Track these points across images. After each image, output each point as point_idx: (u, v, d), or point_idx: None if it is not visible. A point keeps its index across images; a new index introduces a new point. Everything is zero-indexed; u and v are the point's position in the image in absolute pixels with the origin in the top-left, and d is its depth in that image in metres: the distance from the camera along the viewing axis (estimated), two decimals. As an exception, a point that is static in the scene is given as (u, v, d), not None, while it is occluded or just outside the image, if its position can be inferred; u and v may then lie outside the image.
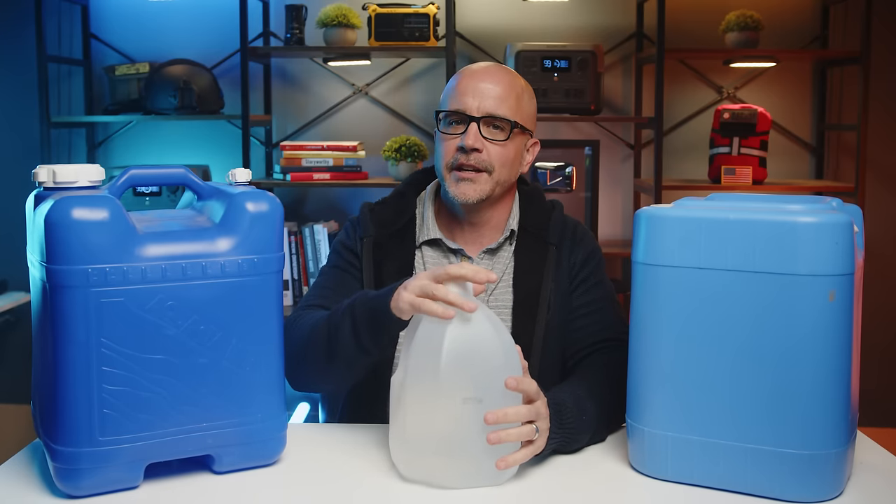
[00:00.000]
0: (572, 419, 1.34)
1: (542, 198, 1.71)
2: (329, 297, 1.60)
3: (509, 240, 1.65)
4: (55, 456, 1.18)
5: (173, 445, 1.22)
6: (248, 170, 1.36)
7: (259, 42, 3.45)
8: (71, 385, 1.16)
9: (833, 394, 1.16)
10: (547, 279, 1.61)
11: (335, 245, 1.69)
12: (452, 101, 1.59)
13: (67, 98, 3.55)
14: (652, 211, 1.24)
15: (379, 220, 1.66)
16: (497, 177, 1.58)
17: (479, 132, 1.55)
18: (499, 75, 1.60)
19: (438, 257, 1.64)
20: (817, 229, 1.14)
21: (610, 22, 3.48)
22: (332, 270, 1.66)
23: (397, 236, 1.65)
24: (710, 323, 1.20)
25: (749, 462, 1.20)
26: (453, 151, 1.57)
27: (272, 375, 1.28)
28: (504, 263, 1.64)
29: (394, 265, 1.62)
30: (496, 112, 1.56)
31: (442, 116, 1.59)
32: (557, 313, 1.61)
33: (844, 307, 1.16)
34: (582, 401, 1.38)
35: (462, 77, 1.60)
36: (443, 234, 1.64)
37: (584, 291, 1.64)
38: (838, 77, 3.48)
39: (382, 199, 1.71)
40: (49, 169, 1.22)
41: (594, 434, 1.40)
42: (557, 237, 1.65)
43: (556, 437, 1.31)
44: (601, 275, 1.67)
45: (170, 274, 1.19)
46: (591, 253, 1.67)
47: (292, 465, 1.33)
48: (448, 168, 1.58)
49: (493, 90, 1.57)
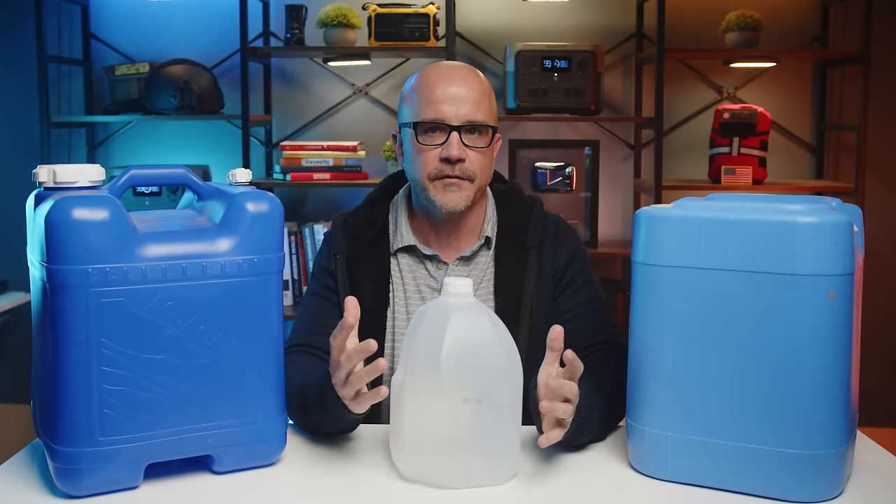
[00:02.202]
0: (585, 413, 1.33)
1: (520, 195, 1.68)
2: (313, 331, 1.59)
3: (485, 246, 1.63)
4: (55, 456, 1.18)
5: (173, 445, 1.22)
6: (248, 170, 1.36)
7: (259, 42, 3.45)
8: (71, 385, 1.16)
9: (833, 394, 1.16)
10: (529, 284, 1.59)
11: (314, 267, 1.68)
12: (427, 109, 1.54)
13: (67, 98, 3.55)
14: (652, 211, 1.24)
15: (350, 232, 1.64)
16: (478, 183, 1.57)
17: (460, 140, 1.53)
18: (470, 79, 1.57)
19: (414, 264, 1.63)
20: (817, 229, 1.14)
21: (610, 22, 3.48)
22: (311, 299, 1.64)
23: (371, 245, 1.63)
24: (710, 323, 1.20)
25: (749, 462, 1.20)
26: (435, 162, 1.54)
27: (272, 375, 1.28)
28: (481, 269, 1.62)
29: (369, 276, 1.61)
30: (475, 118, 1.54)
31: (419, 126, 1.55)
32: (541, 318, 1.59)
33: (844, 307, 1.16)
34: (590, 398, 1.37)
35: (433, 82, 1.56)
36: (417, 241, 1.62)
37: (572, 294, 1.62)
38: (838, 77, 3.48)
39: (355, 207, 1.69)
40: (49, 169, 1.22)
41: (597, 433, 1.40)
42: (538, 239, 1.62)
43: (572, 427, 1.30)
44: (587, 274, 1.64)
45: (170, 274, 1.19)
46: (575, 253, 1.64)
47: (292, 465, 1.33)
48: (430, 178, 1.55)
49: (469, 95, 1.54)
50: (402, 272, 1.63)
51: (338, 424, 1.35)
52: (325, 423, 1.36)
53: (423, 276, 1.62)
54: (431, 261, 1.62)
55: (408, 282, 1.62)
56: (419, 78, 1.59)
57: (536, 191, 3.19)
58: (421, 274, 1.62)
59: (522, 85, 3.12)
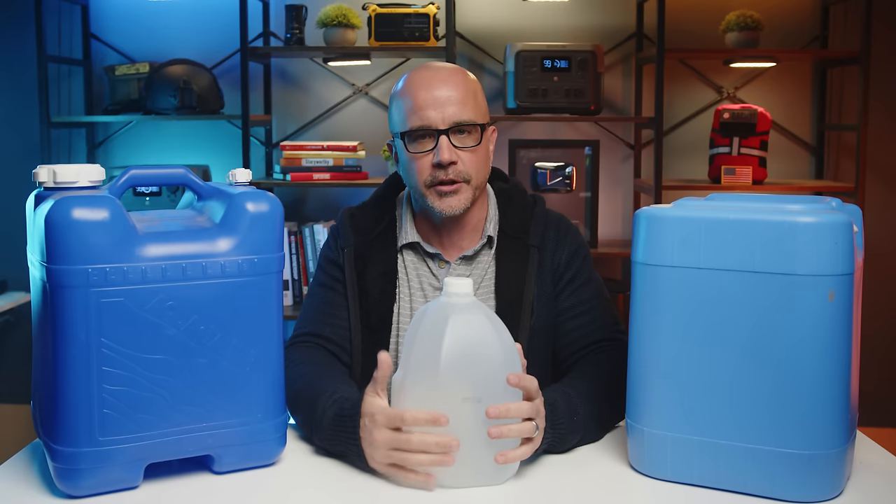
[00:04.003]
0: (563, 419, 1.34)
1: (523, 194, 1.68)
2: (320, 320, 1.60)
3: (487, 245, 1.63)
4: (55, 456, 1.18)
5: (173, 445, 1.22)
6: (248, 170, 1.36)
7: (259, 42, 3.45)
8: (71, 385, 1.16)
9: (833, 393, 1.16)
10: (529, 283, 1.59)
11: (320, 259, 1.68)
12: (413, 117, 1.54)
13: (67, 98, 3.55)
14: (652, 211, 1.24)
15: (358, 227, 1.64)
16: (475, 183, 1.56)
17: (450, 143, 1.53)
18: (452, 79, 1.55)
19: (417, 262, 1.63)
20: (817, 229, 1.14)
21: (610, 22, 3.48)
22: (318, 290, 1.65)
23: (378, 240, 1.63)
24: (710, 323, 1.20)
25: (749, 462, 1.20)
26: (429, 169, 1.54)
27: (272, 376, 1.28)
28: (483, 269, 1.62)
29: (377, 270, 1.61)
30: (462, 119, 1.53)
31: (407, 135, 1.55)
32: (542, 317, 1.59)
33: (844, 307, 1.16)
34: (573, 401, 1.38)
35: (416, 89, 1.55)
36: (420, 238, 1.63)
37: (572, 292, 1.61)
38: (838, 77, 3.48)
39: (362, 202, 1.69)
40: (49, 169, 1.22)
41: (585, 435, 1.39)
42: (539, 238, 1.62)
43: (548, 437, 1.31)
44: (588, 272, 1.64)
45: (170, 274, 1.19)
46: (576, 251, 1.63)
47: (292, 465, 1.33)
48: (426, 185, 1.55)
49: (453, 96, 1.53)
50: (407, 269, 1.63)
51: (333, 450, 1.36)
52: (324, 445, 1.37)
53: (426, 274, 1.62)
54: (434, 259, 1.63)
55: (412, 279, 1.63)
56: (403, 84, 1.58)
57: (536, 191, 3.19)
58: (424, 272, 1.63)
59: (522, 85, 3.12)
